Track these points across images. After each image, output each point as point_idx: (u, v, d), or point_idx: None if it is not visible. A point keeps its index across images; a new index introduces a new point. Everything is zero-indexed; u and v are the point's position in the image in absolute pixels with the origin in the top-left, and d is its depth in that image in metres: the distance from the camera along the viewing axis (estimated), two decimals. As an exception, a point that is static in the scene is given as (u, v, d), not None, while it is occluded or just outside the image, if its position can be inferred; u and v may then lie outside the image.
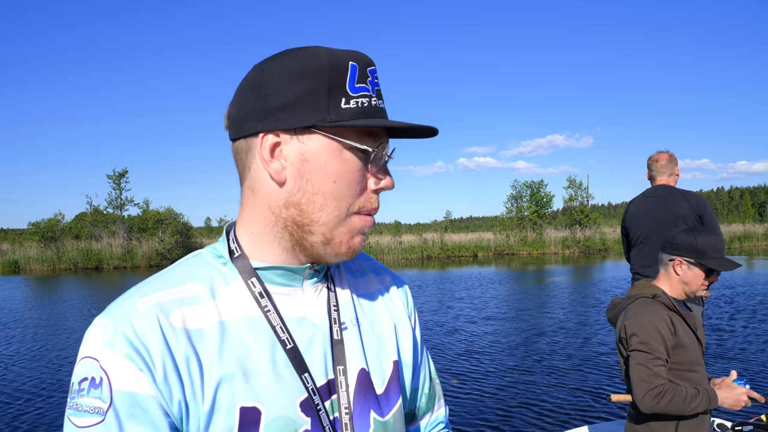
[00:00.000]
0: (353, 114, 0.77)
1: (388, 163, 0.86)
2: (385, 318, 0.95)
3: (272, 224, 0.82)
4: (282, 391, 0.77)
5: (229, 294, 0.80)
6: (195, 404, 0.73)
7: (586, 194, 33.69)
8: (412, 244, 30.40)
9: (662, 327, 2.11)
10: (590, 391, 5.49)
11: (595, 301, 11.46)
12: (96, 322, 0.75)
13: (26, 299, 14.53)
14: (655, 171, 4.09)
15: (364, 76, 0.79)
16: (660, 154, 4.11)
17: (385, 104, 0.85)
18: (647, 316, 2.14)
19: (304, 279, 0.85)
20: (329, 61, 0.77)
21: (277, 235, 0.82)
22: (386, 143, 0.83)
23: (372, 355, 0.89)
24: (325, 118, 0.76)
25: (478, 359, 6.89)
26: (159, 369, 0.71)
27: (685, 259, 2.21)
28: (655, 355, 2.07)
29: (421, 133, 0.86)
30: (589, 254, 28.36)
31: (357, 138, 0.79)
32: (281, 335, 0.80)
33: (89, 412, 0.71)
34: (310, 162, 0.78)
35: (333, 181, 0.79)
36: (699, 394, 2.06)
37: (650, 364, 2.06)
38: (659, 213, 3.99)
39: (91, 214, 30.44)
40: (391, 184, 0.84)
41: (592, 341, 7.70)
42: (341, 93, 0.77)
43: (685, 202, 3.90)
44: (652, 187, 4.13)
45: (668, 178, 4.07)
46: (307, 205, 0.79)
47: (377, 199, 0.84)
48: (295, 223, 0.80)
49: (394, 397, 0.89)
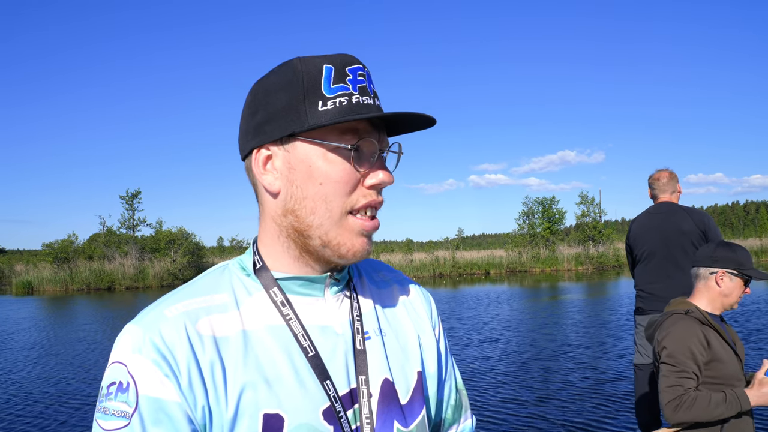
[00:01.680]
0: (332, 115, 0.77)
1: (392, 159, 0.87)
2: (409, 329, 0.95)
3: (278, 234, 0.84)
4: (305, 398, 0.77)
5: (252, 304, 0.82)
6: (218, 411, 0.74)
7: (599, 210, 33.40)
8: (424, 262, 30.23)
9: (693, 342, 2.13)
10: (607, 413, 5.31)
11: (612, 320, 11.24)
12: (126, 328, 0.78)
13: (37, 320, 14.53)
14: (657, 189, 4.11)
15: (341, 76, 0.79)
16: (660, 173, 4.12)
17: (378, 101, 0.84)
18: (678, 331, 2.18)
19: (325, 288, 0.86)
20: (302, 69, 0.79)
21: (284, 245, 0.84)
22: (377, 138, 0.83)
23: (396, 366, 0.89)
24: (303, 124, 0.78)
25: (487, 381, 6.74)
26: (184, 375, 0.73)
27: (727, 271, 2.25)
28: (681, 368, 2.11)
29: (417, 124, 0.85)
30: (603, 270, 27.98)
31: (338, 137, 0.79)
32: (303, 343, 0.80)
33: (116, 415, 0.72)
34: (297, 169, 0.80)
35: (319, 184, 0.80)
36: (726, 399, 2.07)
37: (673, 376, 2.11)
38: (663, 230, 3.98)
39: (104, 235, 30.61)
40: (388, 178, 0.83)
41: (611, 364, 7.51)
42: (317, 97, 0.78)
43: (689, 219, 3.90)
44: (655, 205, 4.13)
45: (670, 195, 4.08)
46: (300, 210, 0.81)
47: (375, 195, 0.83)
48: (295, 230, 0.82)
49: (418, 408, 0.89)
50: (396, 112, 0.79)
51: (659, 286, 4.02)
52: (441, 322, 1.04)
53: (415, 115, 0.81)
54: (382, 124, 0.85)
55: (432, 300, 1.05)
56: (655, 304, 4.02)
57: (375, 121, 0.83)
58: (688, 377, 2.10)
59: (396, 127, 0.87)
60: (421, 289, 1.04)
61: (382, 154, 0.84)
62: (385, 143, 0.85)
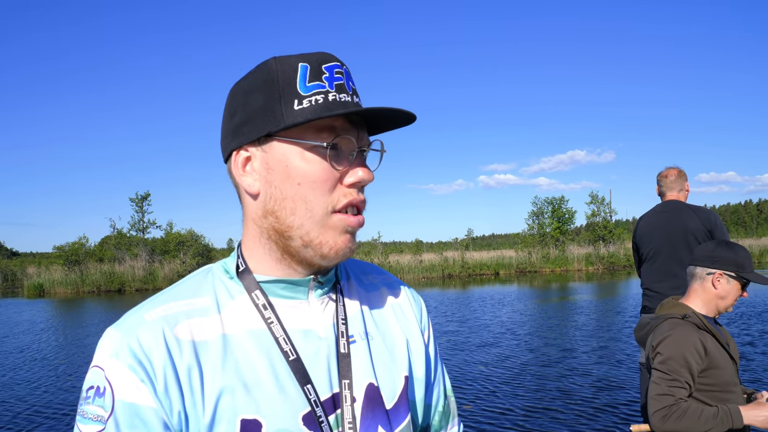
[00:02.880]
0: (307, 113, 0.77)
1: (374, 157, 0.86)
2: (396, 332, 0.94)
3: (258, 236, 0.83)
4: (284, 403, 0.77)
5: (233, 308, 0.81)
6: (195, 416, 0.74)
7: (609, 210, 33.12)
8: (433, 263, 30.12)
9: (689, 351, 2.07)
10: (612, 414, 5.23)
11: (623, 320, 11.11)
12: (106, 332, 0.78)
13: (48, 321, 14.63)
14: (664, 187, 4.12)
15: (317, 74, 0.79)
16: (669, 170, 4.12)
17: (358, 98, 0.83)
18: (675, 337, 2.11)
19: (309, 291, 0.85)
20: (278, 69, 0.79)
21: (265, 247, 0.83)
22: (356, 136, 0.82)
23: (382, 370, 0.88)
24: (279, 123, 0.77)
25: (494, 382, 6.67)
26: (160, 381, 0.73)
27: (725, 272, 2.16)
28: (673, 376, 2.05)
29: (397, 121, 0.84)
30: (614, 270, 27.73)
31: (315, 136, 0.79)
32: (284, 347, 0.80)
33: (92, 419, 0.73)
34: (274, 169, 0.80)
35: (297, 183, 0.79)
36: (717, 415, 1.99)
37: (665, 384, 2.05)
38: (669, 228, 3.98)
39: (114, 237, 30.84)
40: (367, 176, 0.82)
41: (621, 365, 7.41)
42: (293, 95, 0.77)
43: (696, 218, 3.90)
44: (662, 203, 4.14)
45: (678, 193, 4.08)
46: (280, 211, 0.80)
47: (356, 193, 0.82)
48: (275, 231, 0.81)
49: (404, 413, 0.88)
50: (372, 107, 0.78)
51: (665, 285, 4.02)
52: (431, 325, 1.03)
53: (392, 110, 0.79)
54: (361, 122, 0.84)
55: (422, 303, 1.03)
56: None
57: (354, 119, 0.82)
58: (680, 387, 2.04)
59: (377, 124, 0.86)
60: (411, 292, 1.03)
61: (362, 152, 0.83)
62: (365, 141, 0.84)
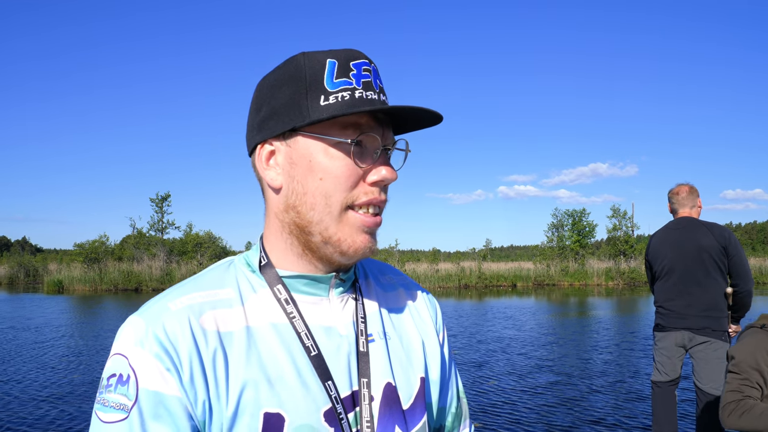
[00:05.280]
0: (333, 109, 0.76)
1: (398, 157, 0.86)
2: (413, 333, 0.94)
3: (280, 231, 0.83)
4: (307, 399, 0.76)
5: (256, 301, 0.81)
6: (219, 407, 0.73)
7: (631, 224, 32.54)
8: (449, 273, 29.85)
9: (761, 355, 2.16)
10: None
11: (640, 337, 10.80)
12: (129, 320, 0.76)
13: (65, 317, 14.75)
14: (676, 204, 4.08)
15: (345, 71, 0.78)
16: (680, 187, 4.08)
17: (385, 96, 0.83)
18: (749, 343, 2.22)
19: (330, 288, 0.85)
20: (306, 64, 0.79)
21: (287, 242, 0.83)
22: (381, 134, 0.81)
23: (399, 370, 0.88)
24: (304, 118, 0.77)
25: (505, 398, 6.47)
26: (186, 370, 0.72)
27: None
28: (744, 376, 2.13)
29: (423, 121, 0.84)
30: (635, 286, 27.16)
31: (339, 132, 0.78)
32: (306, 342, 0.79)
33: (115, 407, 0.71)
34: (298, 164, 0.80)
35: (320, 179, 0.79)
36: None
37: (736, 382, 2.13)
38: (682, 245, 3.93)
39: (134, 237, 31.17)
40: (391, 175, 0.81)
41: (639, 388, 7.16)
42: (319, 91, 0.77)
43: (710, 234, 3.84)
44: (675, 220, 4.09)
45: (690, 210, 4.03)
46: (301, 206, 0.80)
47: (377, 192, 0.81)
48: (297, 226, 0.81)
49: (420, 414, 0.88)
50: (398, 105, 0.77)
51: (679, 302, 3.93)
52: (445, 328, 1.03)
53: (419, 109, 0.78)
54: (387, 121, 0.83)
55: (437, 305, 1.04)
56: (675, 321, 3.95)
57: (380, 117, 0.82)
58: (750, 386, 2.12)
59: (403, 123, 0.86)
60: (426, 294, 1.03)
61: (386, 151, 0.83)
62: (390, 140, 0.83)
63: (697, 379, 3.81)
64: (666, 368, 3.97)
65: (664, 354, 3.98)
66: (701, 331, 3.81)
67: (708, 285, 3.84)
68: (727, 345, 3.78)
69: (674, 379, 3.97)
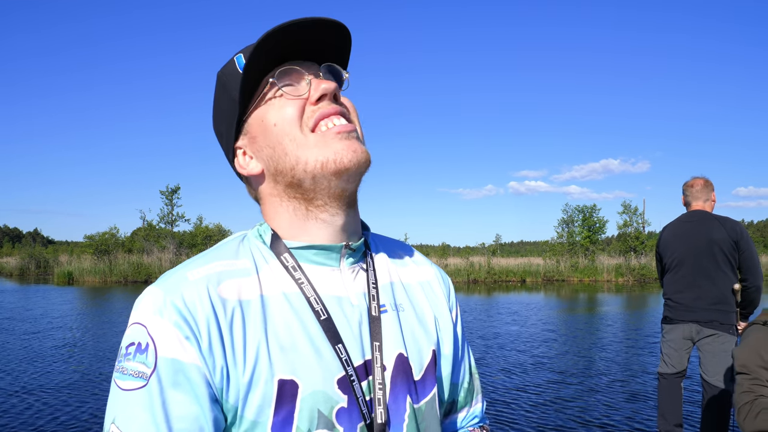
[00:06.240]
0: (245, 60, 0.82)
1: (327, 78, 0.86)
2: (425, 307, 0.94)
3: (279, 204, 0.86)
4: (320, 366, 0.77)
5: (269, 271, 0.82)
6: (236, 375, 0.73)
7: (642, 220, 32.25)
8: (458, 267, 29.77)
9: (766, 351, 2.14)
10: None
11: (649, 333, 10.69)
12: (147, 290, 0.77)
13: (67, 308, 14.85)
14: (690, 197, 4.08)
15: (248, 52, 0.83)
16: (695, 180, 4.08)
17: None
18: (754, 341, 2.21)
19: (341, 258, 0.86)
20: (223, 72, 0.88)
21: (289, 210, 0.85)
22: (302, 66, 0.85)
23: (411, 341, 0.88)
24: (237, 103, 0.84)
25: (511, 400, 6.40)
26: (204, 338, 0.72)
27: None
28: (753, 376, 2.11)
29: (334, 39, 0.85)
30: (645, 283, 26.91)
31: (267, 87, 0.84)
32: (315, 306, 0.80)
33: (133, 375, 0.72)
34: (258, 134, 0.85)
35: (274, 125, 0.82)
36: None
37: (747, 383, 2.11)
38: (693, 238, 3.93)
39: (144, 229, 31.34)
40: (328, 84, 0.83)
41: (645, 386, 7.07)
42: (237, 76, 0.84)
43: (722, 228, 3.83)
44: (688, 212, 4.09)
45: (704, 203, 4.02)
46: (279, 162, 0.83)
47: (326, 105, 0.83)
48: (289, 186, 0.83)
49: (430, 386, 0.88)
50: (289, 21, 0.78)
51: (687, 295, 3.92)
52: (458, 305, 1.03)
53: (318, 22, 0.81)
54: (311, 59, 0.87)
55: (450, 283, 1.04)
56: (684, 314, 3.93)
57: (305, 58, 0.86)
58: (762, 384, 2.09)
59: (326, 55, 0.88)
60: (439, 271, 1.03)
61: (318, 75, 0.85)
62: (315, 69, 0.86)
63: (704, 372, 3.80)
64: (673, 360, 3.96)
65: (672, 346, 3.97)
66: (709, 324, 3.80)
67: (717, 278, 3.82)
68: (734, 338, 3.76)
69: (680, 371, 3.96)
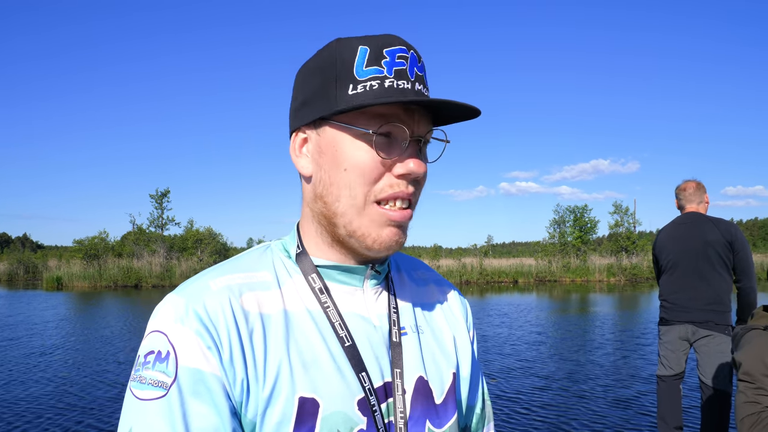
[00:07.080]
0: (360, 99, 0.74)
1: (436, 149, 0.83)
2: (445, 329, 0.93)
3: (311, 220, 0.83)
4: (341, 386, 0.76)
5: (292, 286, 0.80)
6: (256, 388, 0.72)
7: (633, 220, 32.38)
8: (450, 269, 29.78)
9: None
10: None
11: (642, 333, 10.69)
12: (168, 298, 0.75)
13: (63, 316, 14.66)
14: (683, 200, 4.13)
15: (377, 58, 0.75)
16: (687, 183, 4.14)
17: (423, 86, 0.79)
18: (757, 348, 2.15)
19: (365, 279, 0.84)
20: (338, 51, 0.77)
21: (317, 231, 0.83)
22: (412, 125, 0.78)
23: (431, 364, 0.86)
24: (332, 107, 0.76)
25: (507, 400, 6.35)
26: (226, 349, 0.71)
27: None
28: (757, 384, 2.05)
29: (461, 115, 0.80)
30: (636, 283, 27.03)
31: (366, 123, 0.76)
32: (340, 332, 0.79)
33: (152, 385, 0.69)
34: (325, 153, 0.79)
35: (344, 170, 0.77)
36: None
37: (750, 392, 2.05)
38: (688, 240, 3.97)
39: (134, 233, 31.09)
40: (418, 167, 0.77)
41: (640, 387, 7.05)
42: (348, 80, 0.75)
43: (716, 230, 3.88)
44: (682, 215, 4.14)
45: (697, 205, 4.08)
46: (327, 196, 0.79)
47: (404, 186, 0.78)
48: (324, 216, 0.80)
49: (451, 410, 0.86)
50: (425, 99, 0.72)
51: (683, 296, 3.96)
52: (474, 328, 1.02)
53: (451, 103, 0.75)
54: (422, 111, 0.79)
55: (468, 304, 1.03)
56: (679, 314, 3.95)
57: (412, 108, 0.78)
58: (766, 394, 2.03)
59: (441, 115, 0.82)
60: (457, 292, 1.03)
61: (417, 143, 0.79)
62: (423, 131, 0.79)
63: (701, 373, 3.81)
64: (670, 362, 3.96)
65: (669, 348, 3.98)
66: (704, 324, 3.81)
67: (712, 279, 3.85)
68: (730, 340, 3.74)
69: (679, 374, 3.96)
